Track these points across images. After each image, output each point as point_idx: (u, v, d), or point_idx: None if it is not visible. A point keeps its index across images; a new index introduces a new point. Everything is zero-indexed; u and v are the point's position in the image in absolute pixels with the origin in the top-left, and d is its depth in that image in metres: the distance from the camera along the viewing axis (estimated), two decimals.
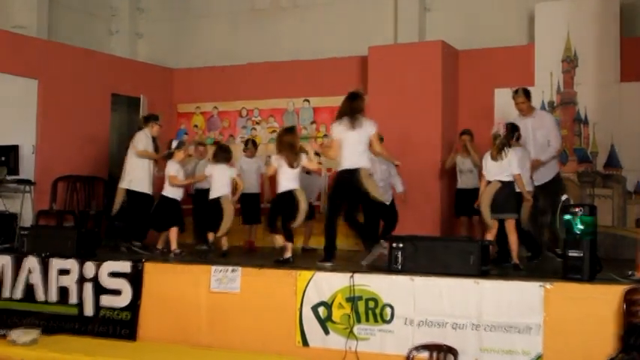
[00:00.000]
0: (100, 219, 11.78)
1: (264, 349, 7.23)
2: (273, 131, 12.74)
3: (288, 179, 8.62)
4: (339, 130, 8.34)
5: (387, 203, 10.02)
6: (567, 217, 6.83)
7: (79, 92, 12.00)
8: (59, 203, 11.57)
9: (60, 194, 11.61)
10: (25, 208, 10.81)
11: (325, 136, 11.89)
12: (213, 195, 9.59)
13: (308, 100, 12.66)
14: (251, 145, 11.31)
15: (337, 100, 12.07)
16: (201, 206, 10.74)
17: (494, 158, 8.42)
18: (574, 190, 10.45)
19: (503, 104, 11.14)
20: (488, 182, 8.37)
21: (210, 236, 9.71)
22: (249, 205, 10.93)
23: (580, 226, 6.76)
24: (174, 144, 10.02)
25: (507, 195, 8.33)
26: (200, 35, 14.18)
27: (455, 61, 11.58)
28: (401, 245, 7.34)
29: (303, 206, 8.54)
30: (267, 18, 13.67)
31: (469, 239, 8.37)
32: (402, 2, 12.57)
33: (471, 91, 11.49)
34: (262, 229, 10.50)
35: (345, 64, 12.24)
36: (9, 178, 10.60)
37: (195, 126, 13.49)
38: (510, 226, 8.31)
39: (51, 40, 12.62)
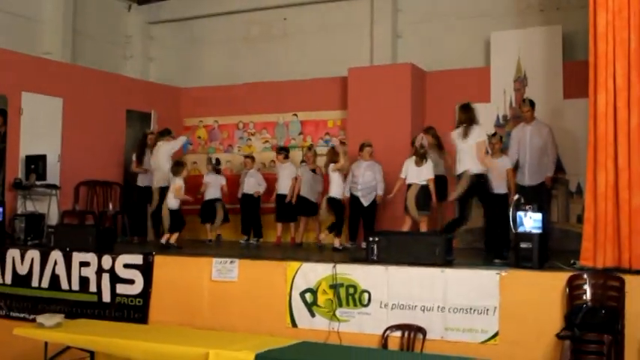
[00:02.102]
0: (116, 218, 11.72)
1: (258, 329, 7.16)
2: (266, 142, 12.71)
3: None
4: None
5: (366, 205, 10.03)
6: (519, 213, 6.84)
7: (98, 109, 11.91)
8: (81, 204, 11.46)
9: (82, 197, 11.51)
10: (51, 209, 10.72)
11: (311, 145, 11.74)
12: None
13: (296, 115, 12.60)
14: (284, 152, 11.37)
15: (321, 115, 12.32)
16: (247, 208, 11.22)
17: (417, 164, 8.95)
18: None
19: None
20: (409, 185, 8.95)
21: None
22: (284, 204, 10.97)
23: (530, 222, 6.78)
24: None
25: (425, 196, 8.91)
26: (203, 59, 14.11)
27: (422, 80, 11.55)
28: (377, 239, 7.33)
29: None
30: (261, 44, 13.61)
31: (435, 233, 8.34)
32: (377, 30, 12.56)
33: (436, 106, 11.43)
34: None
35: (328, 84, 12.18)
36: (38, 183, 10.51)
37: (199, 137, 13.41)
38: (424, 222, 8.97)
39: (74, 64, 12.53)
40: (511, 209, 6.99)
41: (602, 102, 6.50)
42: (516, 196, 7.14)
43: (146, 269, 8.05)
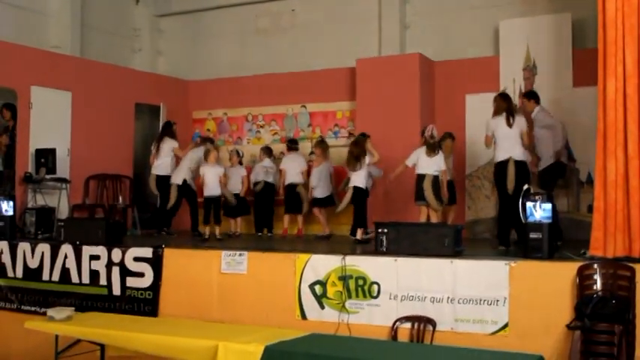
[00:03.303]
0: (126, 211, 11.73)
1: (268, 322, 7.16)
2: (275, 133, 12.69)
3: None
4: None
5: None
6: (529, 203, 6.78)
7: (107, 102, 11.91)
8: (91, 198, 11.50)
9: (91, 190, 11.55)
10: (61, 203, 10.77)
11: (322, 138, 11.66)
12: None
13: (305, 106, 12.56)
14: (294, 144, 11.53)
15: (330, 106, 12.28)
16: (261, 199, 11.31)
17: (429, 155, 8.87)
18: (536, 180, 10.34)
19: (473, 108, 11.11)
20: (419, 175, 8.88)
21: None
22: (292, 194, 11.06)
23: (540, 212, 6.71)
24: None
25: (436, 186, 8.84)
26: (211, 52, 14.09)
27: (431, 70, 11.48)
28: (386, 230, 7.29)
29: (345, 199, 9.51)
30: (269, 36, 13.59)
31: (444, 225, 8.29)
32: (385, 21, 12.50)
33: (445, 96, 11.39)
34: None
35: (337, 75, 12.14)
36: (48, 177, 10.55)
37: (208, 130, 13.39)
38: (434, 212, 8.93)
39: (83, 57, 12.53)
40: (520, 199, 6.93)
41: (611, 89, 6.43)
42: (525, 186, 7.07)
43: (156, 262, 8.05)
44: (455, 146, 10.41)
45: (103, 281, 8.30)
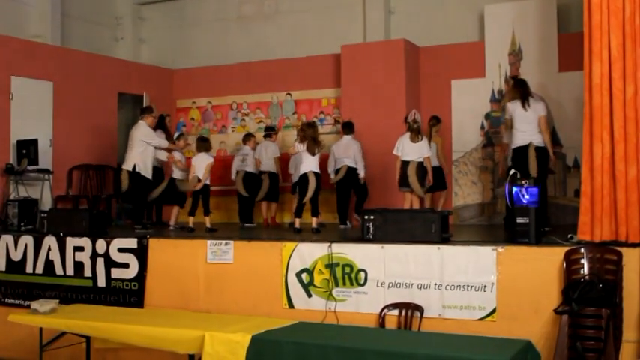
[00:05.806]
0: (110, 202, 11.65)
1: (255, 311, 7.14)
2: (260, 122, 12.62)
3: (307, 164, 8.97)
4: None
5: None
6: (515, 188, 6.78)
7: (89, 92, 11.80)
8: (74, 189, 11.41)
9: (75, 181, 11.46)
10: (44, 194, 10.68)
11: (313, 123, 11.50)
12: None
13: (290, 94, 12.51)
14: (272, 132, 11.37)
15: (315, 93, 12.21)
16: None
17: (413, 141, 8.85)
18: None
19: (459, 94, 11.11)
20: (403, 161, 8.84)
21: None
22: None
23: (526, 197, 6.72)
24: (176, 135, 10.62)
25: (421, 173, 8.86)
26: (195, 39, 13.99)
27: (416, 56, 11.45)
28: (372, 217, 7.27)
29: (312, 185, 8.85)
30: (253, 23, 13.51)
31: (431, 211, 8.28)
32: (370, 7, 12.45)
33: (431, 82, 11.38)
34: None
35: (322, 62, 12.09)
36: (30, 168, 10.44)
37: (192, 119, 13.32)
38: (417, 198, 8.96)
39: (64, 47, 12.41)
40: (507, 184, 6.94)
41: (597, 73, 6.42)
42: (512, 171, 7.07)
43: (141, 253, 8.01)
44: (441, 131, 10.40)
45: (87, 273, 8.25)
